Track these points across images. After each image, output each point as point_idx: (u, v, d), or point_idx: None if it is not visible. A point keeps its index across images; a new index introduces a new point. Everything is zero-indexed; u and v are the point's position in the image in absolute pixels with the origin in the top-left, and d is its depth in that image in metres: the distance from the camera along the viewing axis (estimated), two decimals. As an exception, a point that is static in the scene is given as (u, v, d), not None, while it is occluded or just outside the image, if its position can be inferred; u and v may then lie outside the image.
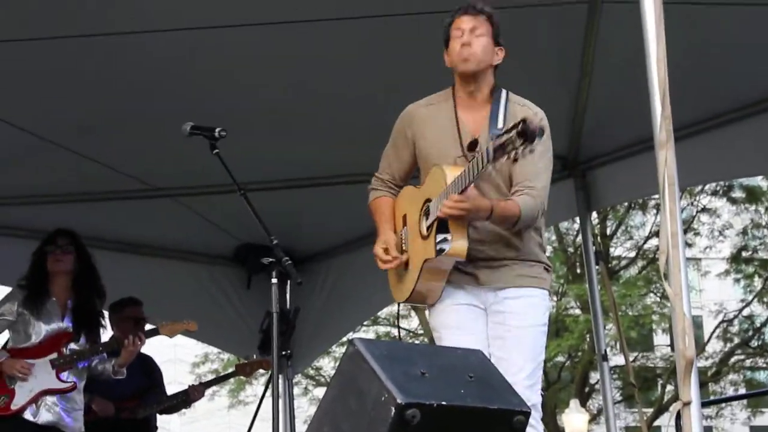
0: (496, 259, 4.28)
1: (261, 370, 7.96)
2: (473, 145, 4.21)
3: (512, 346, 4.21)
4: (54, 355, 6.09)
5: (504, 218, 4.19)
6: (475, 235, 4.23)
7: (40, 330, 6.13)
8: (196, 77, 6.14)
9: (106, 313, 6.62)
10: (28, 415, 6.02)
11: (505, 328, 4.24)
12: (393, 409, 3.04)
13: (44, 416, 6.05)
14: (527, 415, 3.33)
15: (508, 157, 3.79)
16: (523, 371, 4.18)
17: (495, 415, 3.26)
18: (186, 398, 7.38)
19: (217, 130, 4.80)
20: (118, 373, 6.31)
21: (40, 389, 6.04)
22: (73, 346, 6.17)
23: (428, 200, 4.26)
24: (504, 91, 4.34)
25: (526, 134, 3.73)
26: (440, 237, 4.17)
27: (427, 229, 4.23)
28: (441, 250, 4.16)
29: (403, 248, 4.37)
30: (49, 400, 6.06)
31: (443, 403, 3.13)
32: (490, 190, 4.24)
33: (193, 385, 7.60)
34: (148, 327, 6.70)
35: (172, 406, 7.39)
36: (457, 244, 4.16)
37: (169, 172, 7.33)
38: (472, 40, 4.27)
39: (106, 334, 6.46)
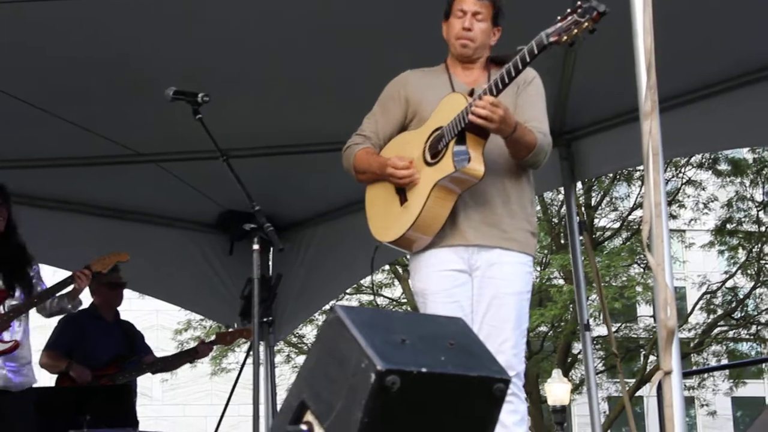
0: (487, 219, 4.28)
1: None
2: (470, 95, 4.20)
3: (498, 313, 4.23)
4: None
5: (525, 142, 4.18)
6: (469, 193, 4.22)
7: None
8: (179, 42, 6.10)
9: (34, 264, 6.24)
10: None
11: (491, 293, 4.24)
12: (373, 375, 3.02)
13: None
14: (507, 383, 3.32)
15: (566, 39, 3.89)
16: (508, 341, 4.20)
17: (475, 382, 3.25)
18: (194, 354, 7.65)
19: (200, 95, 4.77)
20: (76, 305, 6.29)
21: None
22: (11, 302, 5.87)
23: (438, 129, 4.22)
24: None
25: (588, 8, 3.79)
26: (458, 149, 4.11)
27: (441, 149, 4.17)
28: (460, 165, 4.10)
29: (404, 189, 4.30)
30: None
31: (423, 370, 3.11)
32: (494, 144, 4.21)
33: (203, 341, 7.77)
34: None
35: (174, 363, 7.69)
36: (476, 163, 4.12)
37: (152, 137, 7.28)
38: (473, 25, 4.34)
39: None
